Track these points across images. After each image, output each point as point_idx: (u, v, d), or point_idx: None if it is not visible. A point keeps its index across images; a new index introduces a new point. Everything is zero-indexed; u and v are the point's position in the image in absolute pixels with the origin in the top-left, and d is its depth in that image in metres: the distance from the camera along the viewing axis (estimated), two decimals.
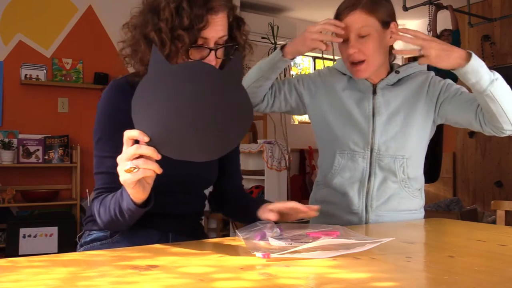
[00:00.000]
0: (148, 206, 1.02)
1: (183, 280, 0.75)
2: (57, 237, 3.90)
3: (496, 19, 4.95)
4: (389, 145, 1.46)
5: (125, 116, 1.10)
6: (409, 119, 1.47)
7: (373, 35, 1.38)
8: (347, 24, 1.39)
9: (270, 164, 4.26)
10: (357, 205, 1.48)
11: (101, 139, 1.15)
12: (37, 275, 0.78)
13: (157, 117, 0.92)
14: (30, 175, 4.20)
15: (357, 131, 1.48)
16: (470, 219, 4.30)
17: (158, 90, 0.92)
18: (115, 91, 1.16)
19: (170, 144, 0.93)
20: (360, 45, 1.39)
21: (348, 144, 1.48)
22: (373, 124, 1.47)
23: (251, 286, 0.71)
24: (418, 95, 1.49)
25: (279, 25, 4.80)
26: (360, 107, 1.49)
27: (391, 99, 1.49)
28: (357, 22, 1.38)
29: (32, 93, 4.25)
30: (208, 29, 1.08)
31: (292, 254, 0.89)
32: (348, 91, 1.52)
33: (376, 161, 1.47)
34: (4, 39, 4.19)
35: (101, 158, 1.14)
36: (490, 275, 0.81)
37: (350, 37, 1.39)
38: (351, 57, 1.41)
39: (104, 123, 1.15)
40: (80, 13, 4.48)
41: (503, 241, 1.08)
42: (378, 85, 1.50)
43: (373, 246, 0.95)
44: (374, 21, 1.38)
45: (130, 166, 0.91)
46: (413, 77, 1.52)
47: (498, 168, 5.31)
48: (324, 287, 0.71)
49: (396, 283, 0.74)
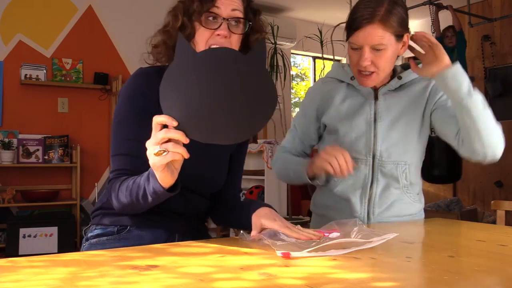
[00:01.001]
0: (176, 191, 1.03)
1: (183, 280, 0.75)
2: (57, 237, 3.90)
3: (496, 19, 4.95)
4: (391, 152, 1.45)
5: (148, 102, 1.15)
6: (410, 125, 1.47)
7: (387, 49, 1.37)
8: (362, 35, 1.36)
9: (270, 164, 4.26)
10: (359, 211, 1.47)
11: (122, 122, 1.17)
12: (37, 275, 0.78)
13: (184, 102, 0.95)
14: (30, 175, 4.20)
15: (359, 138, 1.47)
16: (470, 219, 4.30)
17: (185, 76, 0.95)
18: (142, 78, 1.19)
19: (197, 128, 0.96)
20: (373, 57, 1.37)
21: (351, 152, 1.44)
22: (375, 130, 1.46)
23: (251, 286, 0.71)
24: (419, 101, 1.48)
25: (279, 25, 4.79)
26: (362, 113, 1.48)
27: (393, 104, 1.47)
28: (373, 36, 1.35)
29: (32, 93, 4.26)
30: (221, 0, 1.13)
31: (309, 253, 0.90)
32: (348, 100, 1.50)
33: (379, 167, 1.46)
34: (4, 39, 4.19)
35: (122, 139, 1.15)
36: (490, 275, 0.81)
37: (364, 48, 1.37)
38: (361, 67, 1.39)
39: (127, 106, 1.17)
40: (80, 13, 4.48)
41: (503, 241, 1.08)
42: (380, 91, 1.48)
43: (380, 242, 0.98)
44: (389, 36, 1.36)
45: (159, 150, 0.93)
46: (415, 83, 1.50)
47: (498, 168, 5.30)
48: (324, 287, 0.71)
49: (396, 283, 0.74)
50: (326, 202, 1.55)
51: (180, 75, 0.95)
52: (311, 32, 4.75)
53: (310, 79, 6.58)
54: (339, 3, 4.94)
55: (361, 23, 1.35)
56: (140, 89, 1.17)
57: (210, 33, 1.14)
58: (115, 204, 1.13)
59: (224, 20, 1.14)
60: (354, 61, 1.42)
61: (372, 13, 1.34)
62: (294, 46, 5.65)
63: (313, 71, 6.57)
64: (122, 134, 1.16)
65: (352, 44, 1.39)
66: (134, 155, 1.13)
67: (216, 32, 1.14)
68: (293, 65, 6.41)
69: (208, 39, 1.14)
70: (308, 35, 4.69)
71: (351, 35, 1.38)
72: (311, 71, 6.64)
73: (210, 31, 1.14)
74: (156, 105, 1.14)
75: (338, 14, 5.05)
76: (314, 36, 4.60)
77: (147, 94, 1.16)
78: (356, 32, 1.36)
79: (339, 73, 1.54)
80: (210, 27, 1.14)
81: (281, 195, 4.44)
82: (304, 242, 0.99)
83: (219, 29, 1.13)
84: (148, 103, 1.15)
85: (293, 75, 6.44)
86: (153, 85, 1.15)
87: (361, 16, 1.36)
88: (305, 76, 7.16)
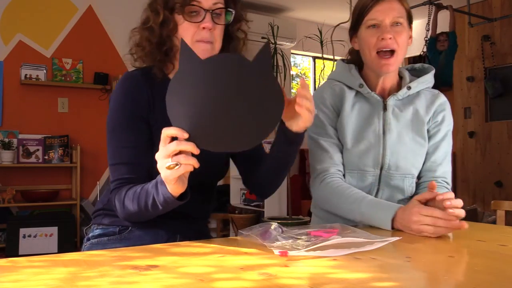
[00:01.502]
0: (186, 199, 1.03)
1: (183, 280, 0.75)
2: (57, 237, 3.90)
3: (496, 19, 4.95)
4: (399, 165, 1.42)
5: (139, 107, 1.14)
6: (417, 137, 1.44)
7: (404, 25, 1.36)
8: (382, 9, 1.35)
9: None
10: None
11: (116, 130, 1.15)
12: (37, 275, 0.78)
13: (192, 112, 0.94)
14: (30, 175, 4.20)
15: (367, 151, 1.42)
16: (470, 219, 4.29)
17: (189, 85, 0.95)
18: (129, 82, 1.18)
19: (207, 137, 0.95)
20: (394, 34, 1.34)
21: (359, 165, 1.43)
22: (384, 143, 1.42)
23: (251, 286, 0.71)
24: (426, 113, 1.46)
25: (279, 25, 4.79)
26: (370, 124, 1.43)
27: (401, 115, 1.44)
28: (393, 9, 1.34)
29: (32, 93, 4.25)
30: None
31: (307, 252, 0.90)
32: (357, 108, 1.44)
33: (385, 179, 1.43)
34: (4, 39, 4.19)
35: (117, 148, 1.14)
36: (490, 275, 0.81)
37: (385, 22, 1.35)
38: (383, 44, 1.35)
39: (118, 114, 1.16)
40: (80, 13, 4.48)
41: (503, 241, 1.08)
42: (389, 101, 1.43)
43: (382, 245, 0.97)
44: (404, 15, 1.36)
45: (171, 164, 0.92)
46: (423, 93, 1.48)
47: (498, 168, 5.30)
48: (324, 287, 0.71)
49: (396, 283, 0.74)
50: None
51: (186, 84, 0.94)
52: (311, 32, 4.75)
53: (310, 79, 6.57)
54: (339, 3, 4.93)
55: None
56: (129, 94, 1.16)
57: (195, 27, 1.13)
58: (121, 213, 1.12)
59: (207, 12, 1.12)
60: (372, 41, 1.37)
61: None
62: (294, 46, 5.65)
63: (313, 71, 6.57)
64: (118, 143, 1.15)
65: (370, 21, 1.37)
66: (132, 162, 1.12)
67: (201, 25, 1.12)
68: (293, 65, 6.40)
69: (194, 34, 1.13)
70: (308, 35, 4.69)
71: (367, 13, 1.36)
72: (311, 71, 6.63)
73: (195, 24, 1.13)
74: (145, 109, 1.15)
75: (338, 14, 5.05)
76: (314, 36, 4.60)
77: (136, 98, 1.15)
78: (374, 8, 1.35)
79: (347, 77, 1.48)
80: (194, 20, 1.13)
81: (281, 195, 4.44)
82: (301, 243, 0.98)
83: (203, 22, 1.12)
84: (138, 107, 1.14)
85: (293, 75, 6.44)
86: (141, 88, 1.15)
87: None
88: (305, 76, 7.16)
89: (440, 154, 1.46)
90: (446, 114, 1.48)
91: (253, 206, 4.58)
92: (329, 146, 1.43)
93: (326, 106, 1.46)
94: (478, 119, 5.43)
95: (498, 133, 5.25)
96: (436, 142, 1.46)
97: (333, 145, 1.44)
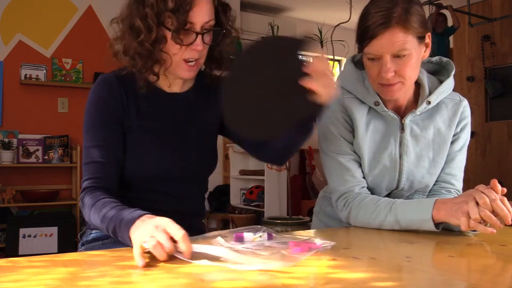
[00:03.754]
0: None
1: (183, 280, 0.75)
2: (57, 237, 3.90)
3: (496, 19, 4.96)
4: (413, 186, 1.35)
5: (110, 109, 1.18)
6: (438, 158, 1.33)
7: (411, 54, 1.18)
8: (381, 44, 1.16)
9: (270, 164, 4.26)
10: None
11: (90, 130, 1.18)
12: (37, 275, 0.78)
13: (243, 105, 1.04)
14: (30, 175, 4.20)
15: (382, 175, 1.32)
16: None
17: (241, 80, 1.05)
18: (102, 85, 1.21)
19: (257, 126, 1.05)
20: (396, 67, 1.18)
21: (371, 188, 1.34)
22: (400, 167, 1.32)
23: (251, 286, 0.71)
24: (449, 128, 1.33)
25: (279, 25, 4.80)
26: (385, 146, 1.31)
27: (421, 136, 1.31)
28: (394, 42, 1.15)
29: (32, 93, 4.25)
30: (194, 12, 1.09)
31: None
32: (371, 128, 1.31)
33: (397, 196, 1.36)
34: (4, 39, 4.19)
35: (91, 147, 1.17)
36: (490, 275, 0.81)
37: (384, 57, 1.17)
38: (384, 80, 1.20)
39: (91, 116, 1.19)
40: (80, 13, 4.48)
41: (503, 241, 1.08)
42: (406, 120, 1.30)
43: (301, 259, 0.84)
44: (412, 39, 1.17)
45: (146, 246, 0.85)
46: (443, 102, 1.34)
47: (498, 168, 5.31)
48: (324, 287, 0.71)
49: (396, 283, 0.74)
50: (330, 212, 1.48)
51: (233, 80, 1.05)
52: (311, 32, 4.76)
53: None
54: (339, 3, 4.93)
55: (376, 30, 1.16)
56: (101, 97, 1.19)
57: (185, 48, 1.13)
58: (86, 218, 1.13)
59: (198, 35, 1.12)
60: (373, 74, 1.22)
61: (388, 16, 1.15)
62: None
63: None
64: (90, 142, 1.17)
65: (368, 54, 1.20)
66: (103, 161, 1.15)
67: (191, 47, 1.12)
68: None
69: (183, 52, 1.13)
70: (308, 35, 4.70)
71: (367, 45, 1.19)
72: None
73: (185, 46, 1.13)
74: (119, 111, 1.18)
75: (338, 14, 5.05)
76: (314, 36, 4.60)
77: (109, 101, 1.18)
78: (373, 41, 1.17)
79: (361, 92, 1.30)
80: (185, 42, 1.12)
81: (281, 195, 4.44)
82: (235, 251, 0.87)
83: (194, 44, 1.12)
84: (111, 110, 1.17)
85: None
86: (113, 91, 1.18)
87: (375, 22, 1.16)
88: None
89: (457, 165, 1.37)
90: (468, 123, 1.37)
91: (253, 206, 4.58)
92: (349, 164, 1.31)
93: (337, 119, 1.32)
94: (478, 119, 5.43)
95: (498, 133, 5.25)
96: (454, 152, 1.36)
97: (352, 161, 1.32)
